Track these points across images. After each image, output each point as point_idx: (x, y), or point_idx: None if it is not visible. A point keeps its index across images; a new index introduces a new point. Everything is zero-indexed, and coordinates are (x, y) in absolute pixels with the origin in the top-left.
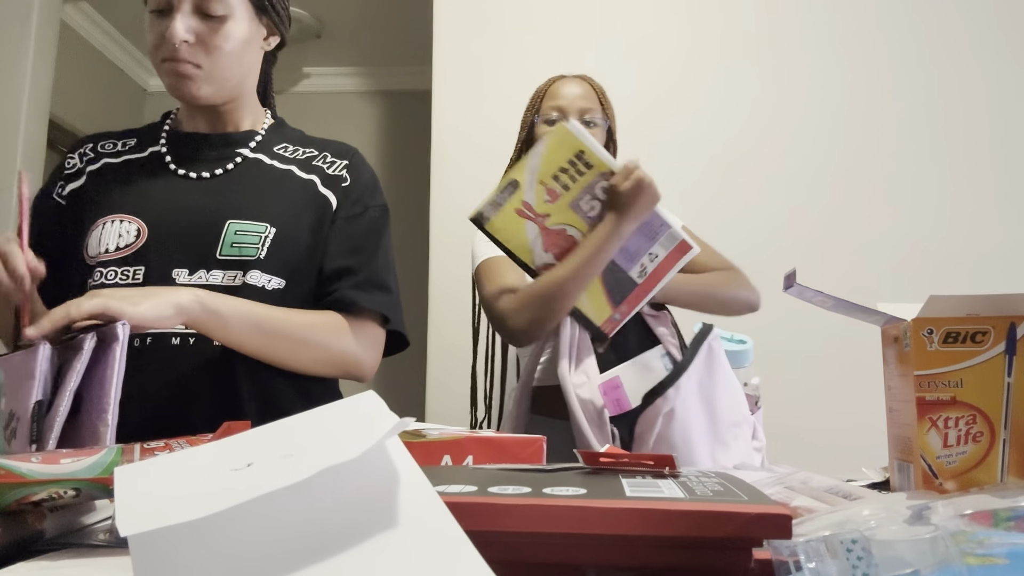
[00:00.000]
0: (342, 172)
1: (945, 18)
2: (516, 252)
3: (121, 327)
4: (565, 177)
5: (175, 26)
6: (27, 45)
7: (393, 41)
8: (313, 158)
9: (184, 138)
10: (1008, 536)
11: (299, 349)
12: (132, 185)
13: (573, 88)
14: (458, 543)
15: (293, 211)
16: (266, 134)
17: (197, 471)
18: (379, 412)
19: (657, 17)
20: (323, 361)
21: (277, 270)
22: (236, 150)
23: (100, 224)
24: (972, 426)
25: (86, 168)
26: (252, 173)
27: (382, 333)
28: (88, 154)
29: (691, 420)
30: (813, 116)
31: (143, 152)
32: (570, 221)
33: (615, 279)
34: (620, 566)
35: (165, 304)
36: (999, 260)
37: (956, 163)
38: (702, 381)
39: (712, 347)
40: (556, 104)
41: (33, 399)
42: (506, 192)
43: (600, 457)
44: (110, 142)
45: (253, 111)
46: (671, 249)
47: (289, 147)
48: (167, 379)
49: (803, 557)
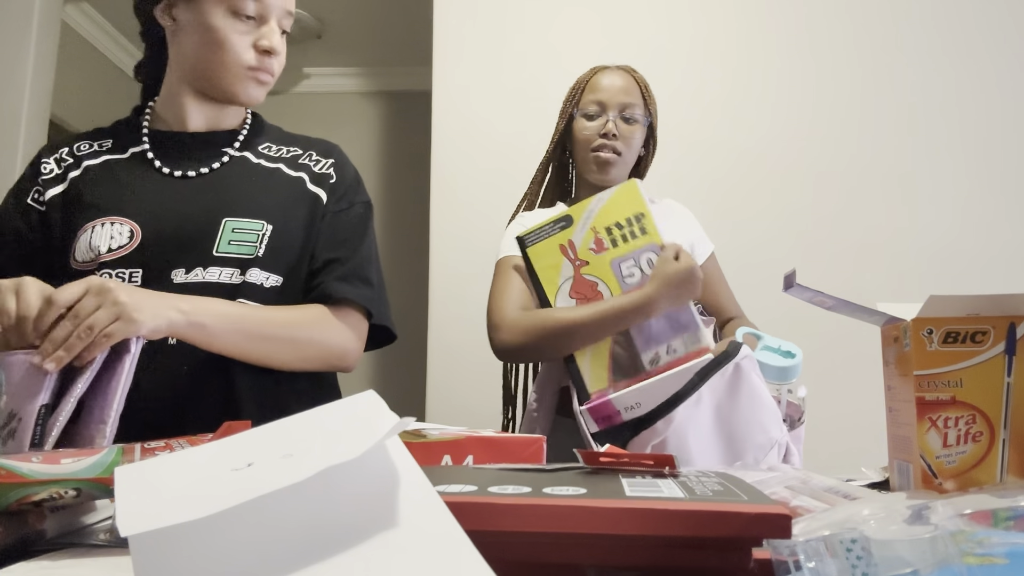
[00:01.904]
0: (329, 170)
1: (957, 19)
2: (543, 283)
3: (135, 341)
4: (617, 233)
5: (277, 40)
6: (28, 45)
7: (393, 41)
8: (299, 156)
9: (167, 137)
10: (1007, 536)
11: (285, 348)
12: (119, 186)
13: (615, 80)
14: (458, 543)
15: (286, 208)
16: (248, 132)
17: (197, 471)
18: (379, 412)
19: (660, 17)
20: (309, 357)
21: (275, 267)
22: (221, 148)
23: (89, 228)
24: (972, 426)
25: (67, 173)
26: (241, 171)
27: (364, 324)
28: (66, 159)
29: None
30: (822, 117)
31: (124, 153)
32: (605, 278)
33: (625, 356)
34: (620, 566)
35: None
36: (1006, 261)
37: (962, 164)
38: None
39: (741, 367)
40: (596, 97)
41: (40, 402)
42: (557, 226)
43: (600, 457)
44: (84, 143)
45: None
46: (690, 351)
47: (272, 146)
48: (163, 380)
49: (803, 557)
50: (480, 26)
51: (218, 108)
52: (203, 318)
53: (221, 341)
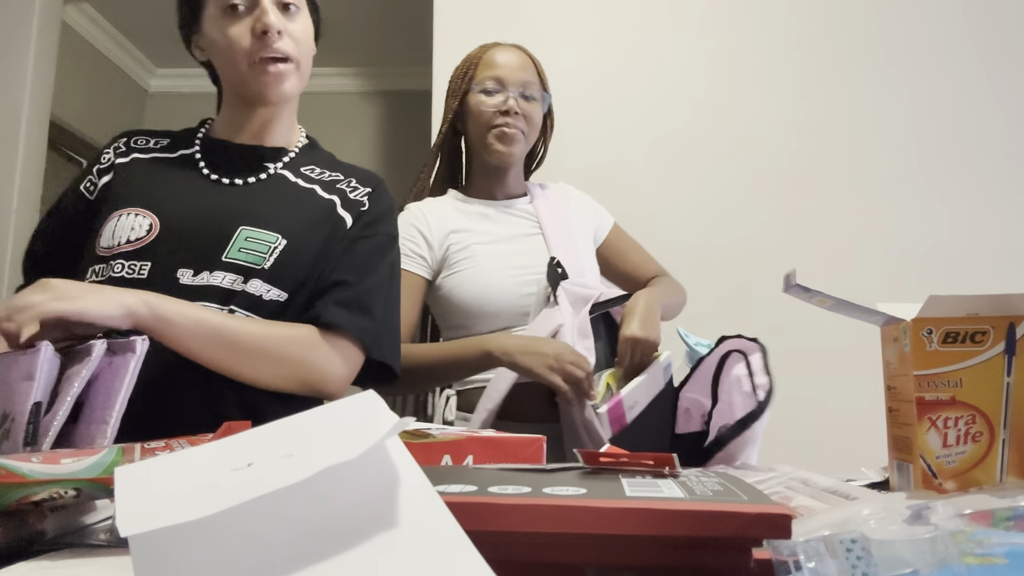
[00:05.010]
0: (363, 198)
1: (952, 18)
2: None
3: (140, 341)
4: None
5: (272, 18)
6: (28, 45)
7: (393, 41)
8: (337, 181)
9: (217, 144)
10: (1007, 536)
11: (257, 361)
12: (154, 181)
13: (511, 58)
14: (458, 543)
15: (306, 227)
16: (298, 154)
17: (197, 471)
18: (379, 412)
19: (656, 18)
20: (284, 375)
21: (280, 282)
22: (265, 163)
23: (116, 216)
24: (971, 426)
25: (116, 161)
26: (276, 187)
27: (356, 353)
28: (121, 147)
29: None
30: (814, 116)
31: (174, 153)
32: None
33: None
34: (620, 566)
35: (113, 303)
36: (999, 260)
37: (961, 164)
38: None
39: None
40: (494, 74)
41: (32, 400)
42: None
43: (600, 457)
44: (143, 138)
45: (291, 125)
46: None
47: (317, 168)
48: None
49: (803, 557)
50: (480, 26)
51: (263, 119)
52: (170, 315)
53: (187, 341)
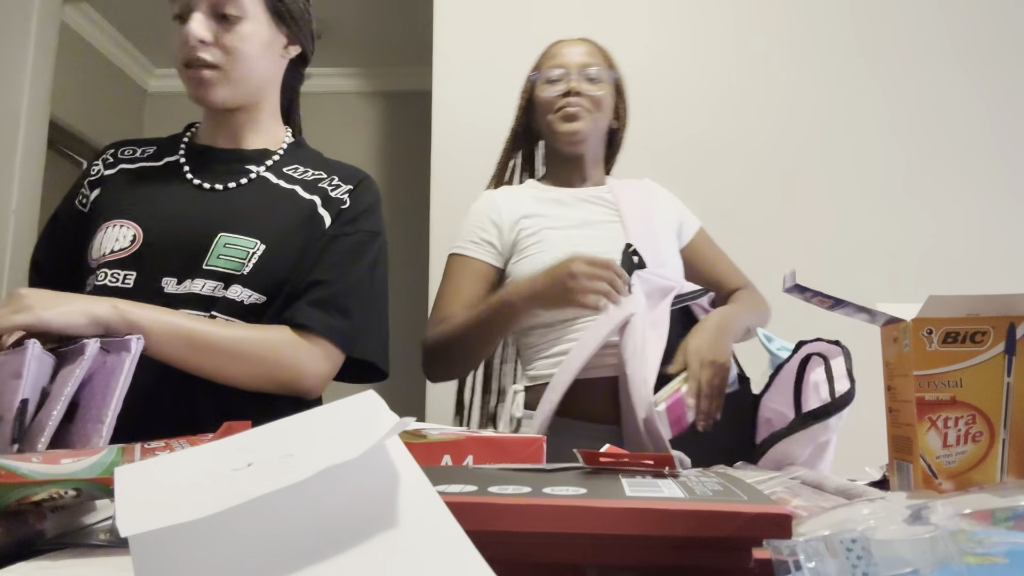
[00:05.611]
0: (344, 196)
1: (953, 19)
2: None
3: (135, 341)
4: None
5: (191, 26)
6: (27, 45)
7: (393, 41)
8: (320, 180)
9: (200, 149)
10: (1007, 535)
11: (231, 363)
12: (140, 191)
13: (575, 47)
14: (458, 543)
15: (286, 229)
16: (282, 155)
17: (197, 471)
18: (379, 412)
19: (658, 20)
20: (258, 376)
21: (259, 286)
22: (246, 167)
23: (104, 228)
24: (972, 426)
25: (104, 173)
26: (256, 191)
27: (334, 351)
28: (108, 159)
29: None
30: (814, 117)
31: (159, 161)
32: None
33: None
34: (620, 566)
35: (77, 312)
36: (999, 260)
37: (957, 164)
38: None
39: None
40: (557, 62)
41: (19, 397)
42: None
43: (600, 457)
44: (131, 148)
45: (272, 127)
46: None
47: (300, 168)
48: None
49: (803, 556)
50: (480, 26)
51: (237, 123)
52: (142, 320)
53: (159, 346)
